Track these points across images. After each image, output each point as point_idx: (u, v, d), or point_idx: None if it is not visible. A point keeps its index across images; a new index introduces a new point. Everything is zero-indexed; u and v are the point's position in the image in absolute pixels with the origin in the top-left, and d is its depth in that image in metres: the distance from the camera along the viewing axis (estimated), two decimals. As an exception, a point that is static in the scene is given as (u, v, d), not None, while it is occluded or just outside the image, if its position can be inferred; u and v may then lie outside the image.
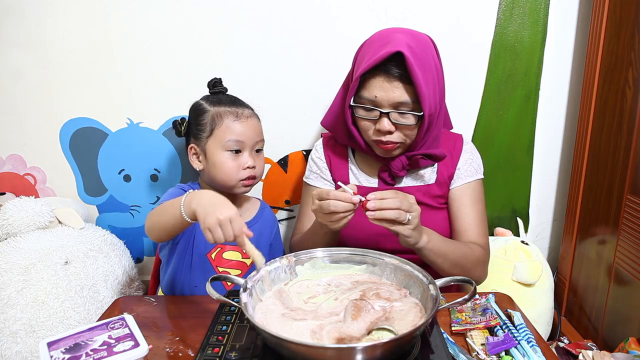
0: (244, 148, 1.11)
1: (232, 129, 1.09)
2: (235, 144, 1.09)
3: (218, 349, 0.80)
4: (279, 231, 1.30)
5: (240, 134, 1.09)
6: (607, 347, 1.18)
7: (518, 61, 1.40)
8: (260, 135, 1.15)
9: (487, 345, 0.83)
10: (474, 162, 1.15)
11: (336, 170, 1.18)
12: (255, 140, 1.12)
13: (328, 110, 1.20)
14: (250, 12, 1.37)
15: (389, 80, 0.98)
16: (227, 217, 0.80)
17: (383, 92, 0.99)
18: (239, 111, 1.11)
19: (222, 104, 1.12)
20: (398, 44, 0.97)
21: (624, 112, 1.16)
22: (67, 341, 0.75)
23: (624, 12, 1.16)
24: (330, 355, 0.68)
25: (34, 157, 1.51)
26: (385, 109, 1.01)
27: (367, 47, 1.06)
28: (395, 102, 1.00)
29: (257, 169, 1.13)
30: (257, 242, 1.09)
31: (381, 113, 1.01)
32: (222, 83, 1.19)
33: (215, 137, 1.10)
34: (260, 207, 1.25)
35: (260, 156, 1.15)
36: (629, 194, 1.15)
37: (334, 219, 0.92)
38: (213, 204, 0.83)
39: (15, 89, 1.44)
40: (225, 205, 0.83)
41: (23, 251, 1.26)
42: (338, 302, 0.83)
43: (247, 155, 1.11)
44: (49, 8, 1.37)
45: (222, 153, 1.09)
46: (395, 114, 1.01)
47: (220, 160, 1.09)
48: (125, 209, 1.55)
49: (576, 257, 1.40)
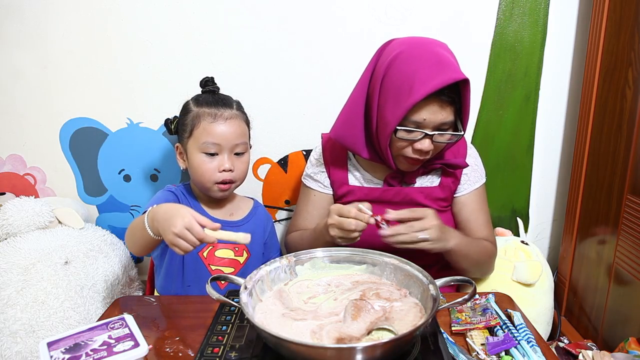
0: (221, 151, 1.07)
1: (208, 130, 1.06)
2: (211, 146, 1.06)
3: (218, 349, 0.80)
4: (274, 230, 1.29)
5: (216, 136, 1.06)
6: (607, 347, 1.18)
7: (518, 61, 1.40)
8: (242, 137, 1.10)
9: (487, 345, 0.83)
10: (478, 167, 1.17)
11: (335, 173, 1.18)
12: (234, 142, 1.08)
13: (339, 121, 1.11)
14: (250, 12, 1.37)
15: (441, 106, 0.96)
16: (181, 228, 0.80)
17: (432, 115, 0.97)
18: (218, 112, 1.07)
19: (205, 104, 1.09)
20: (456, 69, 0.95)
21: (624, 112, 1.16)
22: (67, 341, 0.75)
23: (624, 12, 1.16)
24: (330, 355, 0.68)
25: (34, 157, 1.51)
26: (429, 130, 0.99)
27: (410, 64, 0.96)
28: (440, 123, 0.99)
29: (235, 173, 1.09)
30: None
31: (425, 134, 0.99)
32: (213, 82, 1.16)
33: (194, 138, 1.07)
34: (253, 207, 1.24)
35: (241, 159, 1.11)
36: (629, 194, 1.15)
37: (349, 236, 0.95)
38: (166, 219, 0.82)
39: (15, 89, 1.44)
40: (177, 215, 0.81)
41: (23, 251, 1.26)
42: (338, 302, 0.83)
43: (224, 158, 1.07)
44: (49, 8, 1.37)
45: (199, 155, 1.07)
46: (437, 135, 0.99)
47: (197, 162, 1.07)
48: (125, 209, 1.55)
49: (576, 257, 1.40)
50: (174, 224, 0.80)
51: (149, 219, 0.88)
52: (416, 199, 1.12)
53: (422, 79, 0.93)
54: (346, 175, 1.17)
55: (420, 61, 0.96)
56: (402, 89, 0.95)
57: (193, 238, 0.81)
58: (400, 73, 0.97)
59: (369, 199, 1.12)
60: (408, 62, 0.96)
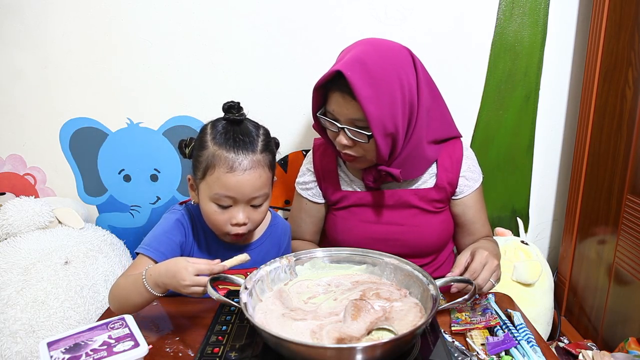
0: (236, 203, 0.94)
1: (222, 181, 0.91)
2: (224, 199, 0.93)
3: (218, 349, 0.80)
4: (289, 245, 1.18)
5: (230, 190, 0.92)
6: (607, 347, 1.18)
7: (518, 61, 1.40)
8: (261, 189, 0.95)
9: (487, 345, 0.83)
10: (475, 167, 1.17)
11: (326, 181, 1.18)
12: (252, 196, 0.94)
13: None
14: (250, 12, 1.37)
15: (342, 96, 0.98)
16: (190, 278, 0.80)
17: (338, 107, 1.00)
18: (237, 160, 0.91)
19: (225, 144, 0.93)
20: (344, 62, 0.96)
21: (624, 112, 1.16)
22: (67, 341, 0.75)
23: (624, 12, 1.16)
24: (330, 355, 0.68)
25: (34, 157, 1.51)
26: (341, 123, 1.01)
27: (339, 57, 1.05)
28: (349, 119, 0.99)
29: (250, 224, 0.97)
30: (261, 263, 1.03)
31: (338, 127, 1.01)
32: (239, 108, 0.97)
33: (207, 184, 0.94)
34: (270, 224, 1.11)
35: (259, 210, 0.98)
36: (629, 194, 1.15)
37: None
38: (170, 278, 0.82)
39: (15, 89, 1.44)
40: (179, 270, 0.81)
41: (23, 251, 1.26)
42: (338, 302, 0.84)
43: (238, 211, 0.94)
44: (49, 8, 1.37)
45: (210, 204, 0.95)
46: (351, 129, 1.00)
47: (208, 210, 0.96)
48: (125, 209, 1.55)
49: (576, 257, 1.40)
50: (182, 278, 0.80)
51: (150, 282, 0.85)
52: (410, 201, 1.12)
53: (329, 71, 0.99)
54: (337, 181, 1.17)
55: (340, 55, 1.03)
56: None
57: (203, 282, 0.81)
58: None
59: (363, 203, 1.13)
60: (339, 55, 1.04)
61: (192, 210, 1.05)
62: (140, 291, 0.85)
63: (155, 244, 0.95)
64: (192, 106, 1.45)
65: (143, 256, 0.94)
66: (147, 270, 0.86)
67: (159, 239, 0.97)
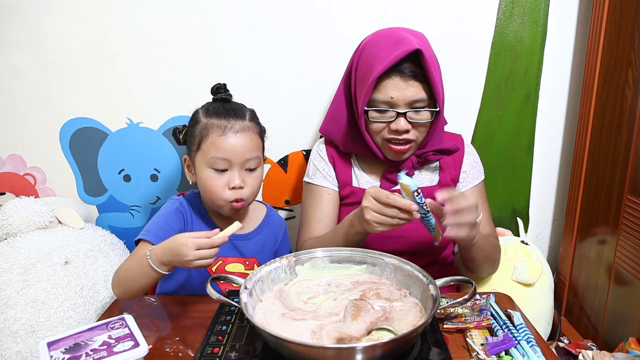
0: (231, 166, 0.99)
1: (216, 145, 0.97)
2: (219, 162, 0.98)
3: (218, 349, 0.80)
4: (286, 237, 1.22)
5: (225, 151, 0.97)
6: (607, 347, 1.18)
7: (518, 61, 1.40)
8: (254, 151, 1.01)
9: (487, 345, 0.83)
10: (477, 164, 1.17)
11: (341, 171, 1.17)
12: (245, 157, 0.99)
13: (326, 117, 1.18)
14: (250, 12, 1.37)
15: (404, 80, 0.98)
16: (193, 253, 0.82)
17: (399, 92, 0.99)
18: (228, 124, 0.98)
19: (215, 115, 1.00)
20: (411, 42, 0.97)
21: (624, 112, 1.16)
22: (67, 341, 0.75)
23: (624, 12, 1.16)
24: (330, 355, 0.68)
25: (34, 157, 1.51)
26: (401, 108, 1.01)
27: (373, 48, 1.03)
28: (411, 101, 1.00)
29: (246, 190, 1.01)
30: (259, 253, 1.06)
31: (398, 113, 1.01)
32: (225, 89, 1.06)
33: (202, 152, 0.99)
34: (266, 215, 1.16)
35: (253, 175, 1.02)
36: (629, 194, 1.15)
37: (388, 222, 0.90)
38: (174, 255, 0.85)
39: (15, 89, 1.44)
40: (180, 246, 0.83)
41: (23, 251, 1.26)
42: (338, 302, 0.84)
43: (234, 174, 0.99)
44: (49, 8, 1.37)
45: (207, 170, 0.99)
46: (411, 112, 1.01)
47: (205, 177, 1.00)
48: (125, 209, 1.55)
49: (576, 257, 1.40)
50: (184, 254, 0.83)
51: (155, 261, 0.87)
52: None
53: (381, 58, 0.98)
54: (350, 176, 1.17)
55: (381, 44, 1.01)
56: (367, 71, 1.01)
57: (208, 251, 0.83)
58: (366, 58, 1.03)
59: None
60: (372, 47, 1.03)
61: (191, 200, 1.09)
62: (146, 272, 0.88)
63: (154, 229, 0.98)
64: (192, 106, 1.42)
65: (144, 242, 0.96)
66: (152, 250, 0.88)
67: (158, 225, 1.00)
